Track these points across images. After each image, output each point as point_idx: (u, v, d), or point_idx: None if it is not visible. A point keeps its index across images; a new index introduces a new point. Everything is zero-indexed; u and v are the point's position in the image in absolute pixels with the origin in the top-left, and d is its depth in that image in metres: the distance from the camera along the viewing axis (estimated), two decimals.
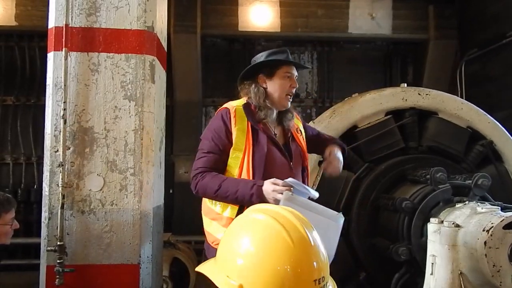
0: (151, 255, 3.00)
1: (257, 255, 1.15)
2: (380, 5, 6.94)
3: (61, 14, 2.94)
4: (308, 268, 1.15)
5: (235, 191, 2.05)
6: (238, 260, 1.17)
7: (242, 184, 2.06)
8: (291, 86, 2.29)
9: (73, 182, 2.90)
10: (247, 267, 1.15)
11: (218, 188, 2.09)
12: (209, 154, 2.18)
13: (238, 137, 2.17)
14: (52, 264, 2.80)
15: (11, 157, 6.70)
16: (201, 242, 7.24)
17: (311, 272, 1.15)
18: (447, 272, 2.42)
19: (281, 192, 1.96)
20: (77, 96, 2.94)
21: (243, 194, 2.04)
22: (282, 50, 2.35)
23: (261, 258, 1.14)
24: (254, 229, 1.22)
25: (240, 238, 1.21)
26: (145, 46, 3.02)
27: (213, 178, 2.12)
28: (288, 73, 2.28)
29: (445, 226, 2.47)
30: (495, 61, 6.24)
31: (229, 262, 1.18)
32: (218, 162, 2.18)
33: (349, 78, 7.03)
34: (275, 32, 6.87)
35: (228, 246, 1.22)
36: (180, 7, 6.54)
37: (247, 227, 1.24)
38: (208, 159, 2.17)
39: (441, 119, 3.56)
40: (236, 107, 2.26)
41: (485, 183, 2.90)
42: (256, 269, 1.13)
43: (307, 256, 1.16)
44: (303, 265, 1.15)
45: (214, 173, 2.14)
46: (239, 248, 1.18)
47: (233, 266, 1.17)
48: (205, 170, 2.15)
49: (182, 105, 6.89)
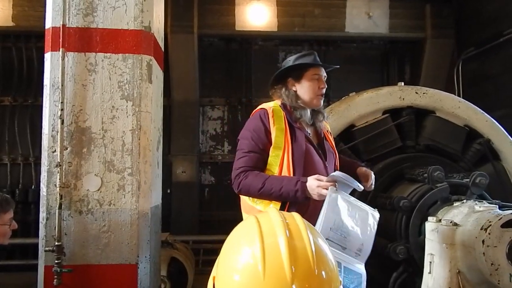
0: (149, 255, 2.99)
1: (225, 251, 1.14)
2: (377, 4, 6.95)
3: (58, 14, 2.94)
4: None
5: (279, 188, 2.10)
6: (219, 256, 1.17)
7: (286, 181, 2.11)
8: (320, 87, 2.34)
9: (70, 182, 2.90)
10: (219, 261, 1.14)
11: (262, 186, 2.13)
12: (249, 153, 2.23)
13: (278, 136, 2.21)
14: (50, 265, 2.80)
15: (9, 157, 6.69)
16: (199, 241, 7.20)
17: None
18: (445, 270, 2.42)
19: (326, 187, 1.99)
20: (74, 96, 2.94)
21: (287, 191, 2.08)
22: (309, 53, 2.41)
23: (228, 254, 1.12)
24: (236, 228, 1.22)
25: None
26: (142, 46, 3.02)
27: (257, 177, 2.16)
28: (316, 75, 2.34)
29: (443, 224, 2.48)
30: (492, 59, 6.25)
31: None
32: (259, 161, 2.22)
33: (346, 77, 7.03)
34: (272, 31, 6.88)
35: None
36: (177, 7, 6.54)
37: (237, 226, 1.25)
38: (249, 158, 2.22)
39: (439, 117, 3.57)
40: (273, 107, 2.31)
41: (483, 181, 2.90)
42: (223, 264, 1.11)
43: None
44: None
45: (256, 172, 2.19)
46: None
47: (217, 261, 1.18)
48: (247, 169, 2.20)
49: (179, 105, 6.89)
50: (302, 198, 2.06)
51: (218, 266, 1.13)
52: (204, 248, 6.16)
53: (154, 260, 3.17)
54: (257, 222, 1.16)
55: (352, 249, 1.96)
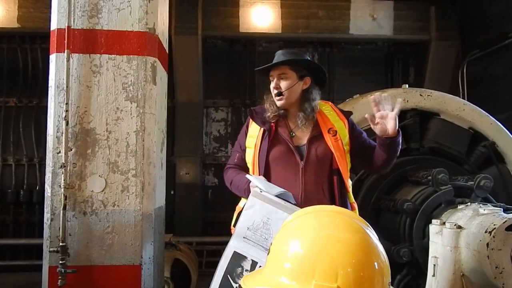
0: (152, 256, 3.00)
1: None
2: (381, 6, 6.94)
3: (63, 16, 2.95)
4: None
5: (237, 186, 2.31)
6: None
7: (242, 180, 2.28)
8: (274, 87, 2.33)
9: (75, 183, 2.91)
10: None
11: (231, 182, 2.36)
12: (234, 152, 2.46)
13: (251, 136, 2.37)
14: (55, 265, 2.81)
15: (14, 158, 6.72)
16: (202, 243, 7.20)
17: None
18: (449, 273, 2.42)
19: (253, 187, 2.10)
20: (79, 98, 2.95)
21: (241, 190, 2.28)
22: (276, 54, 2.39)
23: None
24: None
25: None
26: (146, 48, 3.03)
27: (231, 173, 2.39)
28: (271, 76, 2.36)
29: (447, 227, 2.47)
30: (497, 62, 6.23)
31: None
32: (240, 160, 2.41)
33: (350, 79, 7.03)
34: (276, 33, 6.88)
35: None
36: (181, 8, 6.55)
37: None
38: (233, 157, 2.45)
39: (443, 120, 3.56)
40: (250, 108, 2.48)
41: (487, 184, 2.89)
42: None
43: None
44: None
45: (234, 169, 2.40)
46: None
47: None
48: (229, 166, 2.43)
49: (183, 106, 6.90)
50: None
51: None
52: (207, 250, 6.16)
53: (158, 261, 3.17)
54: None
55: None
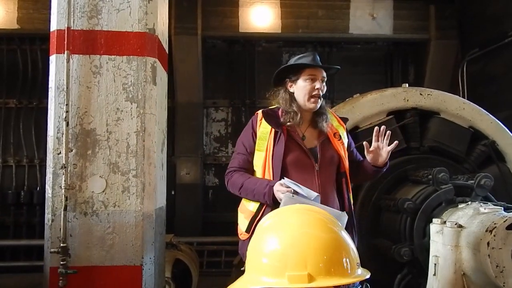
0: (153, 256, 3.00)
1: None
2: (381, 5, 6.94)
3: (63, 17, 2.95)
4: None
5: (252, 190, 2.22)
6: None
7: (259, 184, 2.21)
8: (315, 88, 2.29)
9: (75, 184, 2.91)
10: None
11: (241, 186, 2.27)
12: (239, 155, 2.37)
13: (261, 139, 2.30)
14: (56, 266, 2.81)
15: (14, 159, 6.73)
16: (203, 243, 7.20)
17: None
18: (450, 272, 2.42)
19: (283, 192, 2.05)
20: (79, 99, 2.95)
21: (258, 193, 2.19)
22: (308, 54, 2.38)
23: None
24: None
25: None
26: (146, 48, 3.03)
27: (239, 177, 2.30)
28: (311, 75, 2.30)
29: (447, 226, 2.47)
30: (496, 60, 6.23)
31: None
32: (246, 162, 2.35)
33: (350, 79, 7.02)
34: (276, 33, 6.88)
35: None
36: (181, 9, 6.56)
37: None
38: (237, 160, 2.36)
39: (443, 119, 3.56)
40: (263, 110, 2.39)
41: (488, 183, 2.89)
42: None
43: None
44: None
45: (241, 172, 2.32)
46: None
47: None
48: (234, 169, 2.35)
49: (183, 106, 6.91)
50: (270, 201, 2.14)
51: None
52: (208, 250, 6.18)
53: (159, 262, 3.17)
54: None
55: None
